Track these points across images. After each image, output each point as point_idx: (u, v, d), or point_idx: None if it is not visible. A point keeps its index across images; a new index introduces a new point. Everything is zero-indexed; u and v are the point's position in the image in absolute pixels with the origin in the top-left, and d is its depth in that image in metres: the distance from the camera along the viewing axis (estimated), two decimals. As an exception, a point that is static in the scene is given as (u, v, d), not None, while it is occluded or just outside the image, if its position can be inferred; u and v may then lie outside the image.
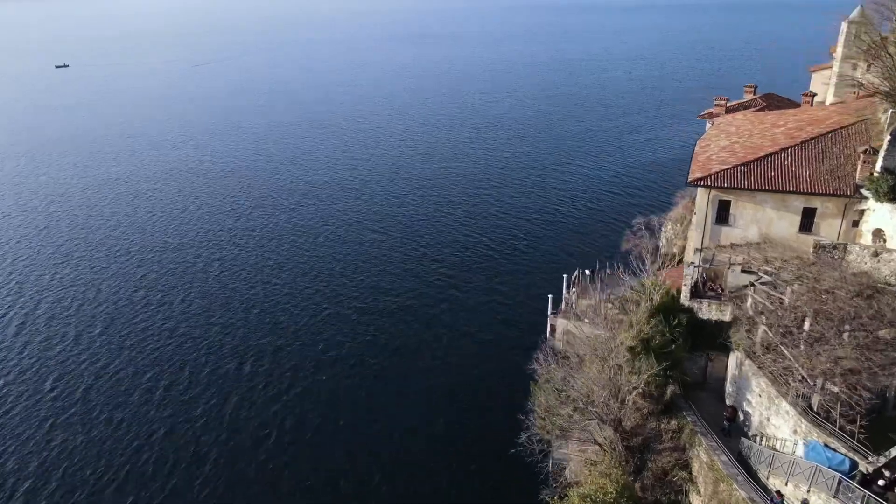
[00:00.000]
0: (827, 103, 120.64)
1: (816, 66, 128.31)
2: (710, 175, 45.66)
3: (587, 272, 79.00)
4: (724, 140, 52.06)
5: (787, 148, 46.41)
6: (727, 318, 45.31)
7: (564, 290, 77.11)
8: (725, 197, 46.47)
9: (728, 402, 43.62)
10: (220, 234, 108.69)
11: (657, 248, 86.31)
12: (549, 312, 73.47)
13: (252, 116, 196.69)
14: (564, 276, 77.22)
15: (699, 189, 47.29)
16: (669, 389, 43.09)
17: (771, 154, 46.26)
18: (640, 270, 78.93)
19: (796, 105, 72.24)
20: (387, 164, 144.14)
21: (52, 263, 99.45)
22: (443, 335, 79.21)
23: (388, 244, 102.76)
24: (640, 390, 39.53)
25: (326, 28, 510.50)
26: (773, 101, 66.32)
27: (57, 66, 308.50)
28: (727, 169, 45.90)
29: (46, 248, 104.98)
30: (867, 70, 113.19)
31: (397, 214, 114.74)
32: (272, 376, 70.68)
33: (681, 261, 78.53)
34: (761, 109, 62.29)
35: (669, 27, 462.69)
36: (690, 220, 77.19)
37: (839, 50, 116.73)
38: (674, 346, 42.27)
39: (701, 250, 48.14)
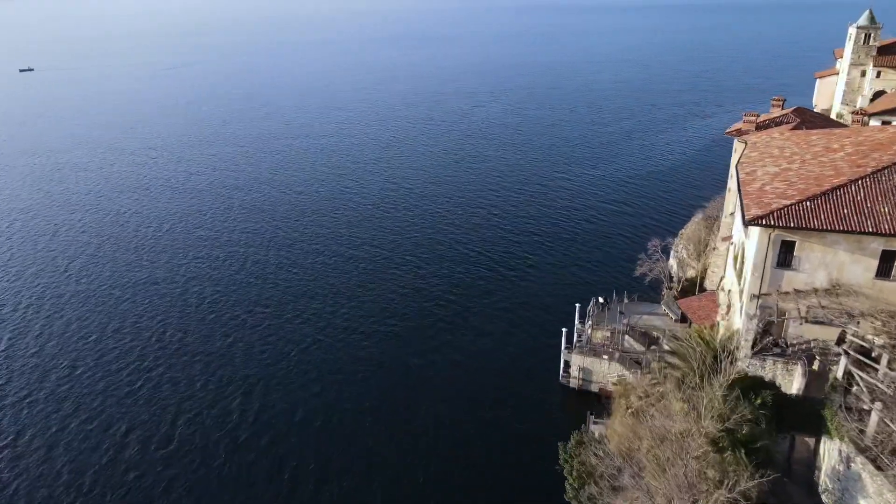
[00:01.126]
0: (834, 111, 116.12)
1: (822, 72, 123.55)
2: (772, 213, 38.98)
3: (600, 300, 72.37)
4: (773, 166, 45.59)
5: (857, 179, 39.99)
6: (797, 384, 38.62)
7: (577, 322, 70.45)
8: (789, 237, 39.82)
9: (827, 501, 36.23)
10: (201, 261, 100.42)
11: (671, 275, 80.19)
12: (562, 347, 66.68)
13: (229, 125, 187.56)
14: (577, 305, 70.55)
15: (754, 226, 40.47)
16: (757, 488, 34.16)
17: (839, 187, 39.77)
18: (663, 301, 72.84)
19: (831, 121, 65.98)
20: (373, 180, 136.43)
21: None
22: (448, 365, 71.96)
23: (375, 264, 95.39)
24: (730, 498, 30.92)
25: (310, 30, 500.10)
26: (806, 117, 60.25)
27: (21, 70, 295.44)
28: (791, 205, 39.28)
29: None
30: (877, 77, 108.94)
31: (382, 239, 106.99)
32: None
33: (702, 287, 72.34)
34: (797, 127, 55.96)
35: (652, 28, 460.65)
36: (714, 246, 70.95)
37: (846, 55, 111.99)
38: (761, 433, 34.43)
39: (759, 297, 41.44)
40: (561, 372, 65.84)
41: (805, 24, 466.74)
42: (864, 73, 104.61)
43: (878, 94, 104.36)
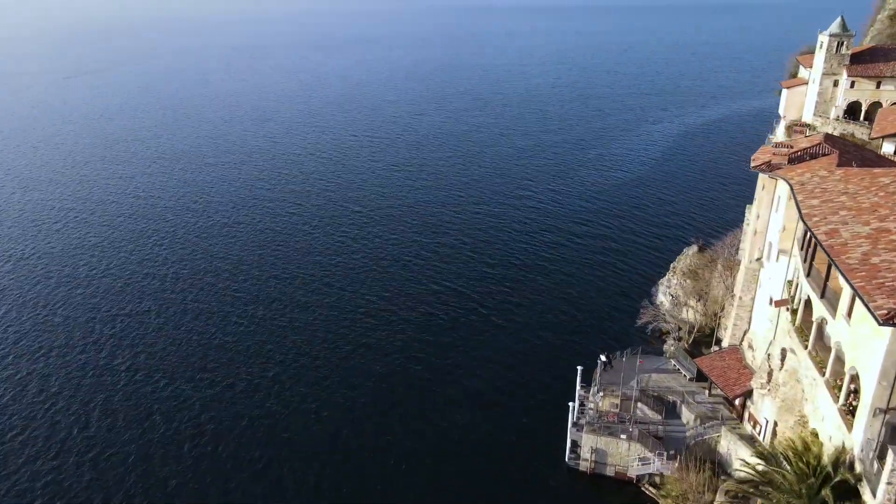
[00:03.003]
0: (807, 122, 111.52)
1: (789, 82, 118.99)
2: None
3: (602, 358, 62.56)
4: (858, 223, 36.59)
5: None
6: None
7: (579, 388, 60.37)
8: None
9: None
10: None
11: (673, 319, 71.39)
12: (569, 424, 56.30)
13: (141, 139, 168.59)
14: (579, 368, 60.50)
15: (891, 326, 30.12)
16: None
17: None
18: (669, 353, 63.72)
19: (862, 147, 58.17)
20: (307, 207, 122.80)
21: None
22: (435, 433, 60.50)
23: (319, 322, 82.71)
24: None
25: (229, 34, 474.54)
26: (839, 145, 52.20)
27: None
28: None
29: None
30: (851, 87, 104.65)
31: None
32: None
33: (716, 339, 63.71)
34: (842, 161, 47.33)
35: (579, 31, 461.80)
36: (732, 292, 62.26)
37: (818, 64, 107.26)
38: None
39: (886, 412, 31.97)
40: (568, 452, 55.41)
41: (732, 25, 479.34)
42: (836, 83, 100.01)
43: (852, 106, 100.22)
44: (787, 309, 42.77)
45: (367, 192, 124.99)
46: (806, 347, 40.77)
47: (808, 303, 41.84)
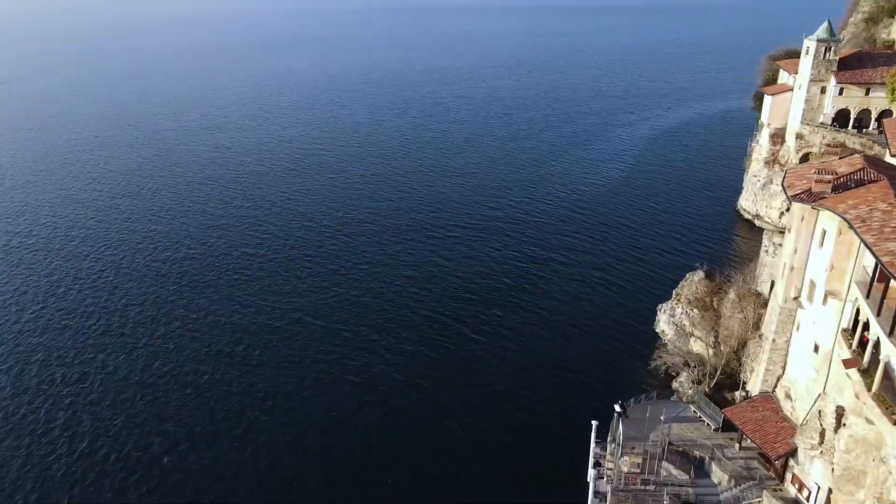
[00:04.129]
0: (791, 130, 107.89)
1: (772, 88, 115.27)
2: None
3: (617, 409, 55.78)
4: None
5: None
6: None
7: (594, 445, 53.57)
8: None
9: None
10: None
11: (687, 360, 65.17)
12: (590, 496, 49.26)
13: (80, 152, 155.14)
14: (594, 423, 53.69)
15: None
16: None
17: None
18: (688, 398, 57.42)
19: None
20: (262, 225, 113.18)
21: None
22: None
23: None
24: None
25: (167, 35, 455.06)
26: (881, 168, 46.75)
27: None
28: None
29: None
30: (840, 94, 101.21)
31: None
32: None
33: (741, 383, 57.59)
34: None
35: (530, 31, 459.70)
36: (757, 329, 56.34)
37: (804, 71, 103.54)
38: None
39: None
40: (589, 529, 48.36)
41: (686, 25, 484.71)
42: (823, 90, 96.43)
43: (840, 114, 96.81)
44: (859, 370, 36.71)
45: (327, 210, 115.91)
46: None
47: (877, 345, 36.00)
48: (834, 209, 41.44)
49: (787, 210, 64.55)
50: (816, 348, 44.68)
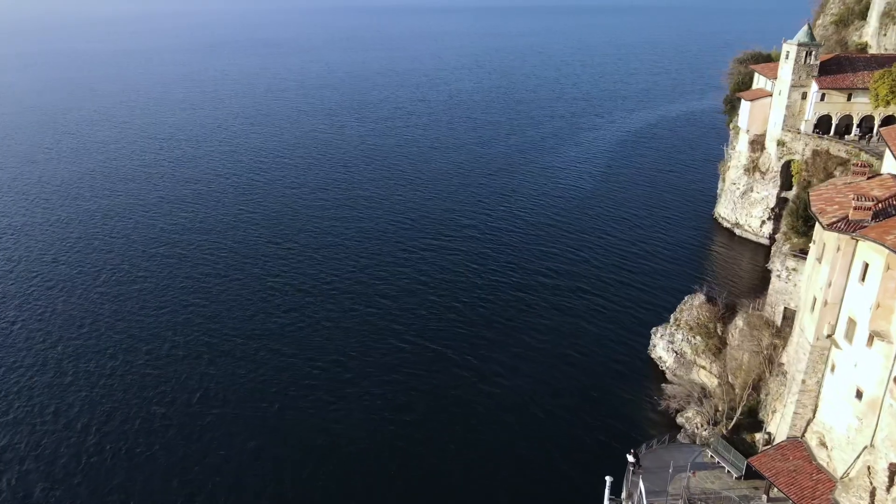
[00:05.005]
0: (771, 137, 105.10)
1: (751, 93, 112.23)
2: None
3: (630, 459, 50.47)
4: None
5: None
6: None
7: (608, 502, 48.23)
8: None
9: None
10: None
11: (700, 394, 60.38)
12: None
13: (13, 166, 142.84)
14: (608, 480, 48.25)
15: None
16: None
17: None
18: (702, 440, 52.31)
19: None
20: (218, 240, 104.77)
21: None
22: None
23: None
24: None
25: (102, 37, 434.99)
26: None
27: None
28: None
29: None
30: (821, 100, 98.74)
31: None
32: None
33: (760, 423, 53.01)
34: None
35: (483, 32, 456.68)
36: (778, 366, 51.80)
37: (784, 76, 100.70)
38: None
39: None
40: None
41: (636, 25, 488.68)
42: (804, 96, 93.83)
43: (822, 120, 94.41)
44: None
45: (286, 227, 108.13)
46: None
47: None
48: (881, 241, 36.88)
49: (792, 238, 60.67)
50: (859, 394, 40.15)
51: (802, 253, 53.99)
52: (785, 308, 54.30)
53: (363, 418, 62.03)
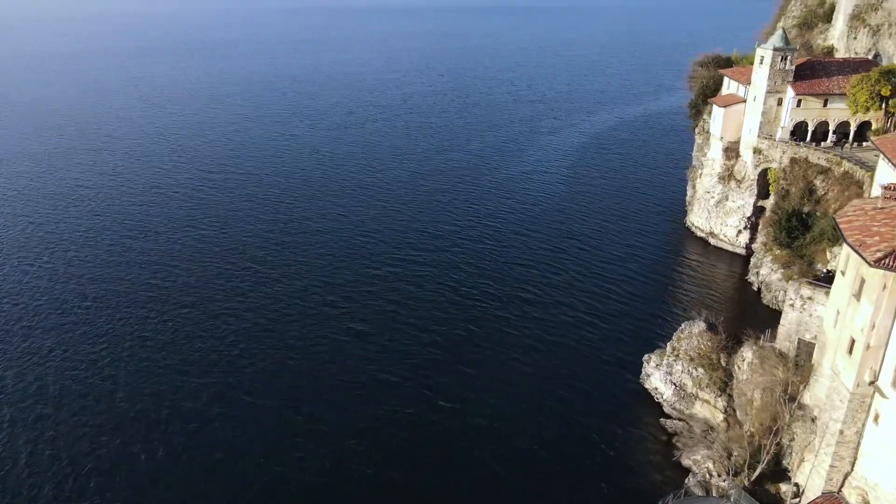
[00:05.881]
0: (746, 145, 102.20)
1: (724, 99, 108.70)
2: None
3: (648, 519, 45.19)
4: None
5: None
6: None
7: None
8: None
9: None
10: None
11: (725, 449, 55.12)
12: None
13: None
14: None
15: None
16: None
17: None
18: (719, 492, 45.78)
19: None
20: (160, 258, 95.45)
21: None
22: None
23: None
24: None
25: (33, 40, 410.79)
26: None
27: None
28: None
29: None
30: (798, 106, 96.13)
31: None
32: None
33: (785, 471, 48.37)
34: None
35: (425, 32, 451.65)
36: (798, 407, 47.21)
37: (759, 82, 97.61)
38: None
39: None
40: None
41: (578, 24, 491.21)
42: (780, 102, 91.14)
43: (798, 126, 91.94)
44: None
45: (236, 246, 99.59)
46: None
47: None
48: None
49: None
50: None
51: (818, 280, 49.72)
52: (800, 340, 49.99)
53: (332, 466, 54.97)
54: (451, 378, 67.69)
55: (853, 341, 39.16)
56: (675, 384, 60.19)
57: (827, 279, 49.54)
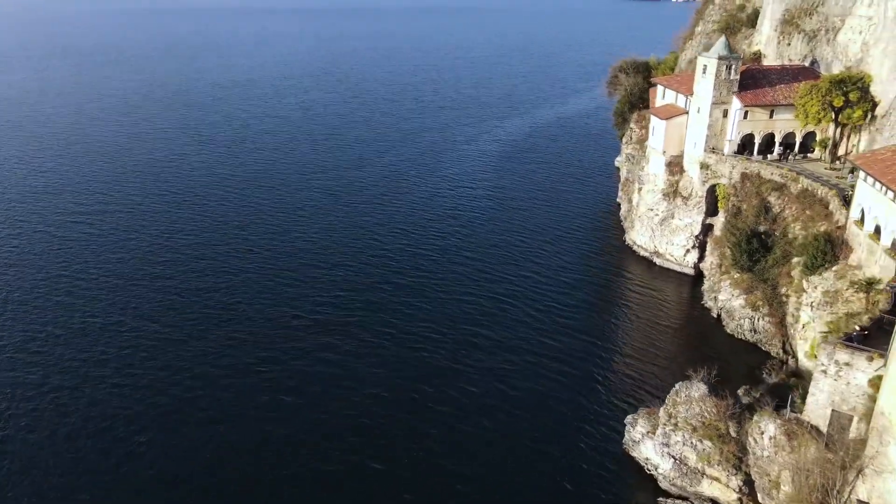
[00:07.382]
0: (691, 158, 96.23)
1: (665, 110, 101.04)
2: None
3: None
4: None
5: None
6: None
7: None
8: None
9: None
10: None
11: None
12: None
13: None
14: None
15: None
16: None
17: None
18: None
19: None
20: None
21: None
22: None
23: None
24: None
25: None
26: None
27: None
28: None
29: None
30: (744, 118, 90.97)
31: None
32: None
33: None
34: None
35: (312, 34, 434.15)
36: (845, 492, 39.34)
37: (703, 92, 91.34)
38: None
39: None
40: None
41: (471, 25, 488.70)
42: (725, 113, 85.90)
43: (746, 139, 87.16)
44: None
45: (113, 294, 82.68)
46: None
47: None
48: None
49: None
50: None
51: (852, 341, 42.31)
52: (833, 411, 42.58)
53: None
54: (403, 449, 55.94)
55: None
56: (674, 457, 51.76)
57: (861, 338, 42.27)
